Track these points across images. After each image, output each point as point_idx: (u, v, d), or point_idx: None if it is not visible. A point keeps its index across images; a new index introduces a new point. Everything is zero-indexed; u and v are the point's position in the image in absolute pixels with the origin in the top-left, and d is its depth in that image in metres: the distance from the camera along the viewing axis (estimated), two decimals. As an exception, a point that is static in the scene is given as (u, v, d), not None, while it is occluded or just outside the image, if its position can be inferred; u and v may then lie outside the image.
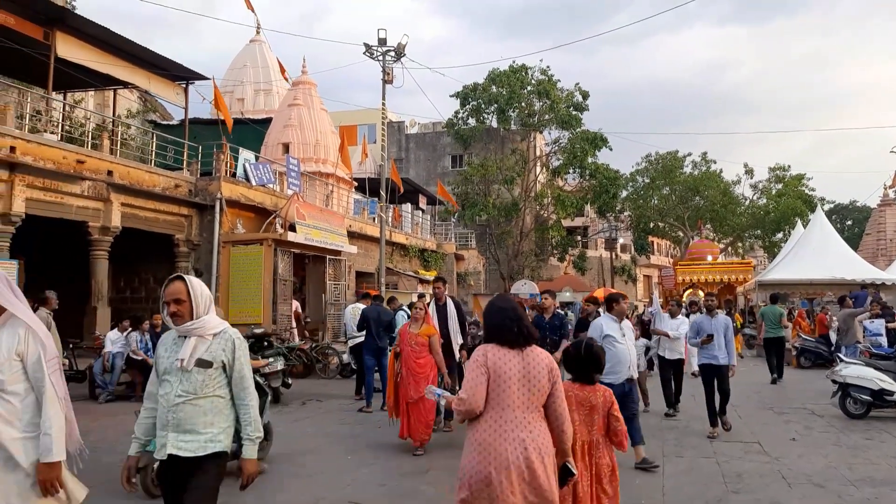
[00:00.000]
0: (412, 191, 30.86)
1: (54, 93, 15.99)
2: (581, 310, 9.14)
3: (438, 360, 7.50)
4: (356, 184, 26.74)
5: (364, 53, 20.33)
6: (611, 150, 35.36)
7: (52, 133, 14.30)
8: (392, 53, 20.43)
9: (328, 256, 19.61)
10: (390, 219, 24.91)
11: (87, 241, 14.76)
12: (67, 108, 18.26)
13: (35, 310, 9.47)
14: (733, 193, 46.65)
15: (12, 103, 14.34)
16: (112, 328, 12.59)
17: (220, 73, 31.09)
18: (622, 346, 6.26)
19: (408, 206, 31.47)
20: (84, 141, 16.13)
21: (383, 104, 21.48)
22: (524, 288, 25.94)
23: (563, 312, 9.69)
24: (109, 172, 14.48)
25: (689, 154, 47.91)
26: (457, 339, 8.49)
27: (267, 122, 24.94)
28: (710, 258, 29.37)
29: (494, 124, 37.13)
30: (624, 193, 42.66)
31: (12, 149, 12.37)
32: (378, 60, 20.43)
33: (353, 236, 21.54)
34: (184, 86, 18.34)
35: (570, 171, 35.78)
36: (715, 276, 26.90)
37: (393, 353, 7.89)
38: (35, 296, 10.17)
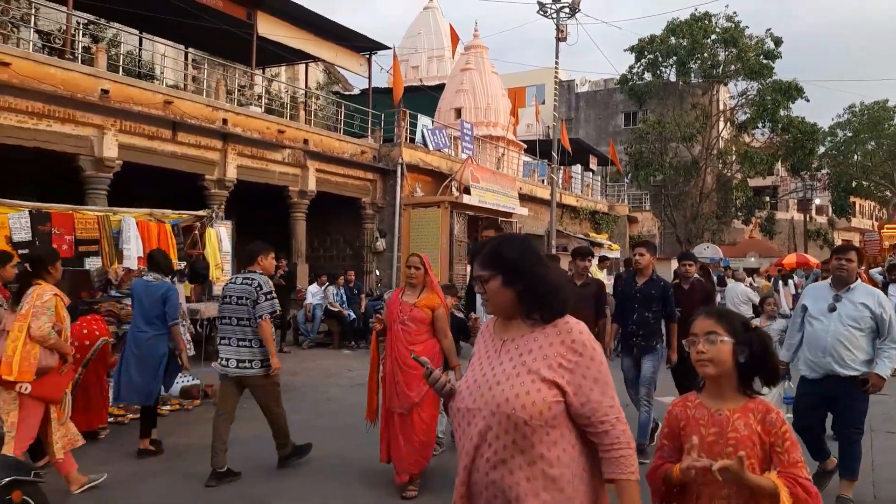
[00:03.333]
0: (582, 151, 30.23)
1: (258, 70, 17.57)
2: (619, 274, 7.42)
3: (446, 345, 4.80)
4: (525, 146, 26.73)
5: (538, 12, 20.08)
6: (807, 101, 32.14)
7: (256, 106, 15.81)
8: (566, 10, 19.98)
9: (500, 218, 19.91)
10: (560, 180, 24.68)
11: (287, 205, 16.23)
12: (266, 82, 20.02)
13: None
14: (956, 147, 40.46)
15: (221, 79, 16.03)
16: (310, 283, 13.86)
17: (396, 42, 32.24)
18: (821, 324, 4.46)
19: (578, 168, 30.90)
20: (283, 112, 17.64)
21: (556, 63, 21.14)
22: (706, 252, 24.59)
23: (661, 279, 5.98)
24: (305, 141, 15.77)
25: (903, 103, 42.00)
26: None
27: (440, 87, 25.57)
28: (926, 220, 25.89)
29: (673, 78, 35.05)
30: (821, 149, 38.62)
31: (224, 121, 13.89)
32: (552, 18, 20.08)
33: (523, 199, 21.67)
34: (367, 56, 19.35)
35: (759, 125, 33.02)
36: (931, 241, 23.68)
37: (374, 332, 5.19)
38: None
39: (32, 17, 14.97)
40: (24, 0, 15.04)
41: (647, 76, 35.00)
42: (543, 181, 24.65)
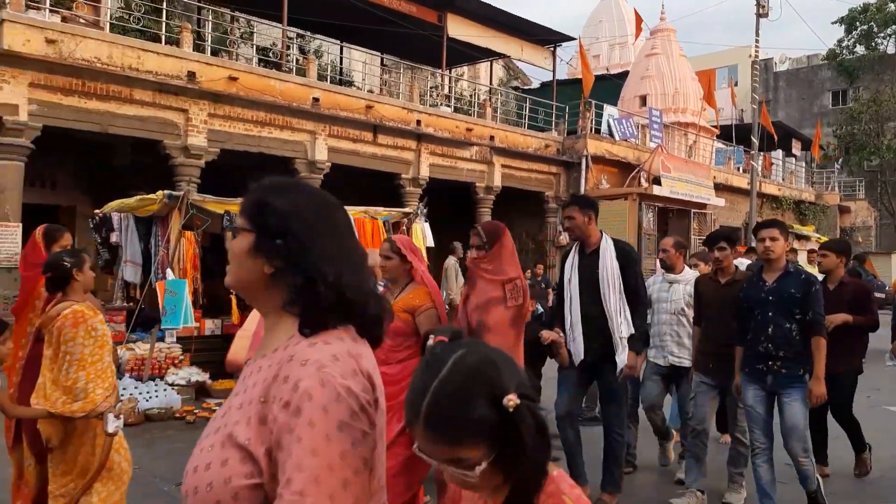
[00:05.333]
0: (784, 135, 27.74)
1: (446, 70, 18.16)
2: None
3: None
4: (719, 132, 25.06)
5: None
6: None
7: (445, 106, 16.35)
8: (769, -17, 18.44)
9: (692, 210, 18.90)
10: (760, 167, 22.84)
11: (473, 200, 16.59)
12: (453, 81, 20.61)
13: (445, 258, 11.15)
14: None
15: (413, 82, 16.75)
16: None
17: (576, 32, 31.72)
18: None
19: (778, 153, 28.41)
20: (469, 111, 18.08)
21: (756, 41, 19.58)
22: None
23: (801, 271, 4.46)
24: (492, 138, 16.04)
25: None
26: (620, 328, 4.08)
27: (623, 76, 24.75)
28: None
29: (891, 50, 31.08)
30: None
31: (418, 122, 14.51)
32: (751, -7, 18.63)
33: (717, 188, 20.39)
34: (552, 49, 19.24)
35: None
36: None
37: None
38: (445, 247, 11.91)
39: (253, 34, 16.65)
40: (243, 20, 16.78)
41: (860, 49, 31.35)
42: (740, 169, 23.03)
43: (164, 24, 12.50)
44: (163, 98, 10.84)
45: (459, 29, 16.45)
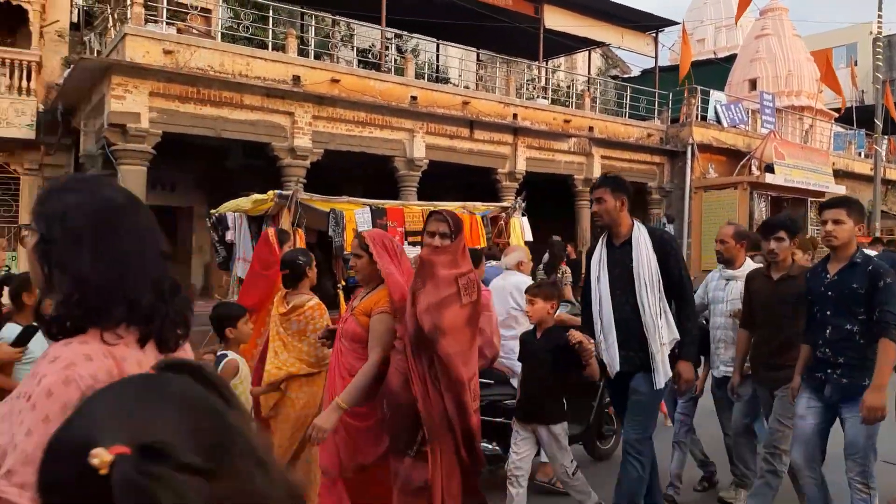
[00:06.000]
0: (913, 116, 25.51)
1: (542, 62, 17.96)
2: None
3: (363, 367, 2.99)
4: (838, 114, 23.36)
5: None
6: None
7: (542, 98, 16.15)
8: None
9: (809, 199, 17.71)
10: (885, 152, 21.11)
11: (572, 193, 16.29)
12: (549, 73, 20.35)
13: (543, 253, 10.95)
14: None
15: (510, 76, 16.64)
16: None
17: (678, 16, 30.46)
18: None
19: (906, 136, 26.16)
20: (567, 102, 17.77)
21: (879, 16, 18.08)
22: None
23: (870, 261, 3.55)
24: (590, 129, 15.68)
25: None
26: (660, 333, 3.37)
27: (730, 59, 23.53)
28: None
29: None
30: None
31: (514, 116, 14.39)
32: (875, -37, 17.21)
33: (837, 175, 19.06)
34: (654, 35, 18.60)
35: None
36: None
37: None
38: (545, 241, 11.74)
39: (353, 36, 17.08)
40: (343, 23, 17.24)
41: None
42: (861, 154, 21.40)
43: (270, 32, 13.03)
44: (270, 102, 11.32)
45: (556, 19, 16.19)
